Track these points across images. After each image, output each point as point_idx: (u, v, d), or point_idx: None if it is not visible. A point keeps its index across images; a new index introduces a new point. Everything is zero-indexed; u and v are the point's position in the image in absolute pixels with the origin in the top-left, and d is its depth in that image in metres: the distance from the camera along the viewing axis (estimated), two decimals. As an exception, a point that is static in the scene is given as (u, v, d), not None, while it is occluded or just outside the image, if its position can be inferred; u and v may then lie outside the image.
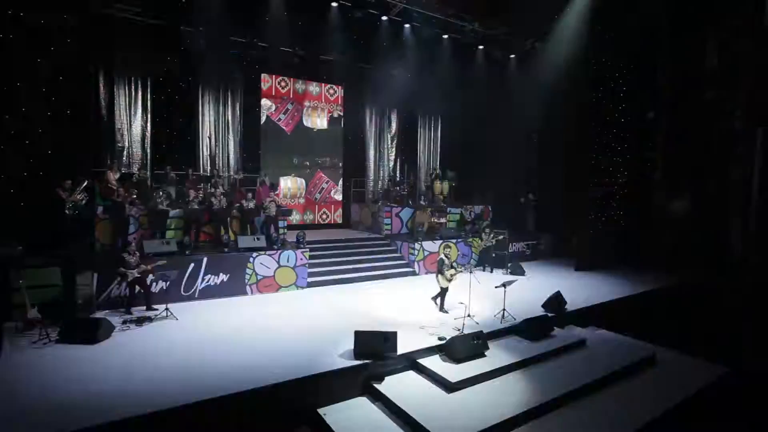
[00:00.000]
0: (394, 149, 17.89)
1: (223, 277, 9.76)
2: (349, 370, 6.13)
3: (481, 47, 14.07)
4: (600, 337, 8.49)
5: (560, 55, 14.40)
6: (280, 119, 15.39)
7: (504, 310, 8.37)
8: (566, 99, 15.00)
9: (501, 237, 13.34)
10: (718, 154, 14.49)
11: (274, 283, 10.37)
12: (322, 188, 16.88)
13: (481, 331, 7.17)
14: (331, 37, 12.71)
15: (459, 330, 7.51)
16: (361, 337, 6.42)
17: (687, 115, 14.84)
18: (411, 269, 12.56)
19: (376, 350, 6.32)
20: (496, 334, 7.78)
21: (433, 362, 6.68)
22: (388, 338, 6.39)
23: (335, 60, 14.84)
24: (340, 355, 6.47)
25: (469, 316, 8.26)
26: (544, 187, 16.46)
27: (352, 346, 6.50)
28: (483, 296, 9.50)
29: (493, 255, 13.58)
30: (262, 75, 15.19)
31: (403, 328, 7.64)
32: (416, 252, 12.63)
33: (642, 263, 14.26)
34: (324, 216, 16.50)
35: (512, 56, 14.89)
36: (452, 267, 8.75)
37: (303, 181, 16.46)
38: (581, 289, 10.98)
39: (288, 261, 10.55)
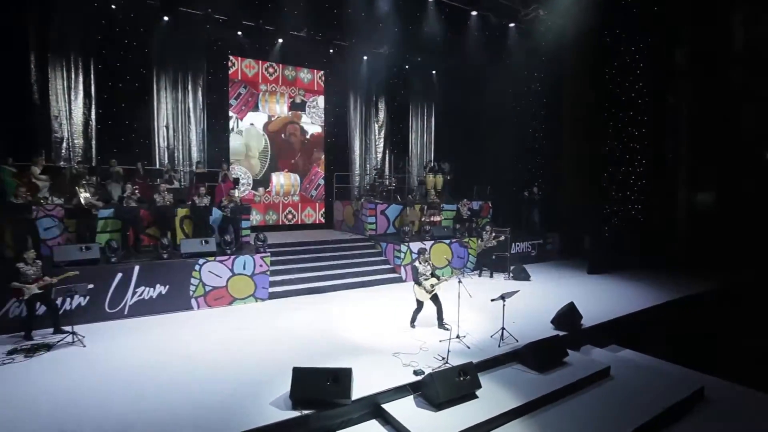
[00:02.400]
0: (382, 140, 16.10)
1: (161, 289, 8.01)
2: (280, 426, 4.34)
3: (474, 13, 12.20)
4: (627, 362, 6.64)
5: (567, 25, 12.52)
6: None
7: (503, 329, 6.55)
8: (574, 75, 13.16)
9: (502, 237, 11.50)
10: (748, 140, 12.60)
11: (226, 295, 8.61)
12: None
13: (471, 363, 5.34)
14: (300, 8, 10.89)
15: (443, 359, 5.70)
16: (301, 376, 4.64)
17: (711, 96, 12.94)
18: (396, 275, 10.76)
19: (321, 395, 4.53)
20: (493, 363, 5.97)
21: (405, 409, 4.87)
22: (339, 378, 4.60)
23: (306, 37, 13.14)
24: (273, 402, 4.68)
25: (458, 338, 6.47)
26: (551, 179, 14.59)
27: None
28: (477, 310, 7.71)
29: (493, 257, 11.79)
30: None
31: (371, 356, 5.90)
32: (403, 255, 10.83)
33: (666, 264, 12.36)
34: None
35: (511, 25, 13.02)
36: (434, 275, 6.97)
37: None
38: (597, 298, 9.14)
39: (244, 268, 8.79)
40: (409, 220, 12.46)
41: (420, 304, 7.12)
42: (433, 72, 16.13)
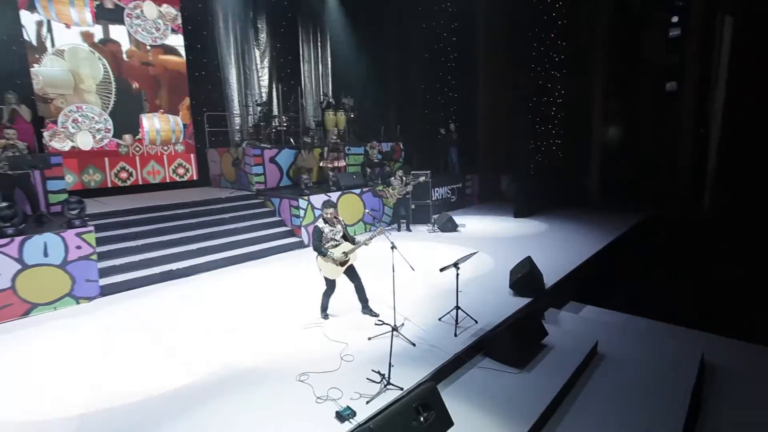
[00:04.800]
0: (266, 70, 12.71)
1: None
2: None
3: None
4: (604, 328, 5.20)
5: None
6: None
7: (458, 308, 4.56)
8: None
9: (423, 179, 9.54)
10: (646, 70, 12.07)
11: (15, 302, 5.26)
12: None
13: (432, 386, 3.21)
14: None
15: (382, 377, 3.49)
16: None
17: (622, 21, 12.04)
18: (297, 239, 8.22)
19: None
20: (452, 365, 3.95)
21: (327, 501, 2.61)
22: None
23: None
24: None
25: (394, 330, 4.31)
26: (466, 114, 12.91)
27: None
28: (410, 280, 5.61)
29: (412, 206, 9.88)
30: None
31: (261, 388, 3.44)
32: (303, 212, 8.26)
33: (583, 201, 11.70)
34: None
35: None
36: (346, 239, 4.66)
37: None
38: (542, 246, 7.71)
39: (46, 255, 5.46)
40: (307, 168, 9.80)
41: (330, 284, 4.79)
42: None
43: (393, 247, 4.29)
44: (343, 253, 4.62)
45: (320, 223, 4.70)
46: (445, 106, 12.72)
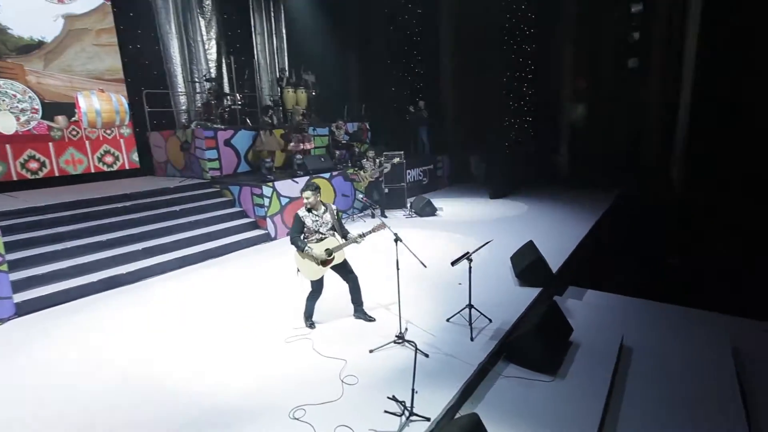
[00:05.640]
0: (213, 41, 11.28)
1: None
2: None
3: None
4: (620, 315, 4.77)
5: None
6: None
7: (471, 307, 3.90)
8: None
9: (397, 160, 8.81)
10: (608, 46, 11.88)
11: None
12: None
13: (475, 417, 2.52)
14: None
15: (404, 408, 2.77)
16: None
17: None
18: (262, 231, 7.24)
19: None
20: (477, 377, 3.30)
21: None
22: None
23: None
24: None
25: (400, 339, 3.59)
26: (433, 90, 12.23)
27: None
28: (407, 277, 4.88)
29: (386, 190, 9.13)
30: None
31: (246, 429, 2.58)
32: (267, 201, 7.26)
33: (560, 179, 11.47)
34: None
35: None
36: (335, 230, 3.86)
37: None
38: (530, 230, 7.20)
39: (-64, 267, 4.18)
40: (268, 151, 8.73)
41: (316, 285, 3.96)
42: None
43: (397, 240, 3.53)
44: (326, 250, 3.79)
45: (301, 211, 3.84)
46: (412, 83, 11.95)
